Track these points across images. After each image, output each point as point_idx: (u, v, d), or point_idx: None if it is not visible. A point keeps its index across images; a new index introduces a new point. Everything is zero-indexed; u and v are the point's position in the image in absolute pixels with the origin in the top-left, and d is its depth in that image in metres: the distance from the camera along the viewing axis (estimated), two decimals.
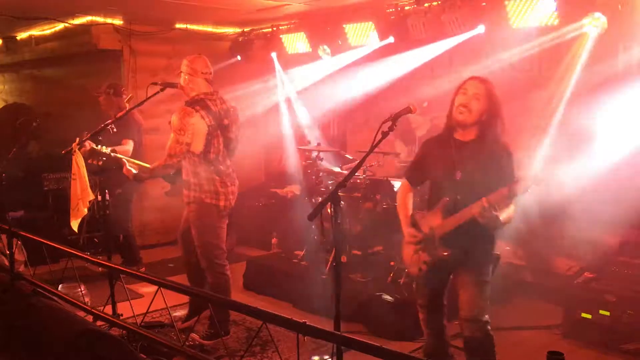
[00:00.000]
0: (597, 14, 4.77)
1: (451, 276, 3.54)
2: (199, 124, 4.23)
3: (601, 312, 4.35)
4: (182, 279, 5.08)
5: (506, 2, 5.19)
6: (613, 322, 4.29)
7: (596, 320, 4.37)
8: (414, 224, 3.51)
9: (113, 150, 4.41)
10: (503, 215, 3.18)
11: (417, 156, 3.67)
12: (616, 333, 4.26)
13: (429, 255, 3.41)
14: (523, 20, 5.16)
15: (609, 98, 4.75)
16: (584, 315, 4.45)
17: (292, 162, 7.51)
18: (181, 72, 4.41)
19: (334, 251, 2.96)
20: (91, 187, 4.36)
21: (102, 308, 3.20)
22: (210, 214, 4.37)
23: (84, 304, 3.37)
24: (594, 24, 4.83)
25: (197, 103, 4.29)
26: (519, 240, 5.39)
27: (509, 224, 3.32)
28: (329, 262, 5.34)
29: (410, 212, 3.58)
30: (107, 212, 4.47)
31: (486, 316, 3.35)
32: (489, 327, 3.36)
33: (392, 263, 5.26)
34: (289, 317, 2.11)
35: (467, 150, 3.33)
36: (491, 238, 3.43)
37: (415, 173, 3.65)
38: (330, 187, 5.90)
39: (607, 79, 4.91)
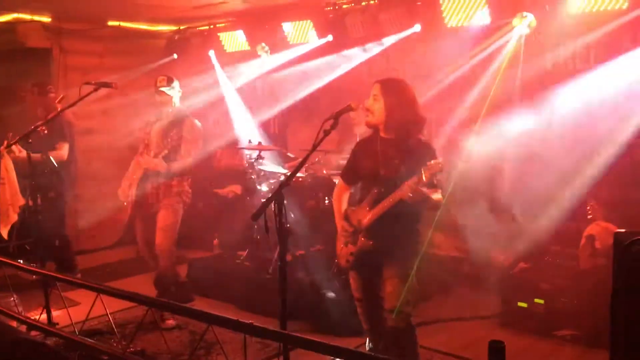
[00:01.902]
0: (526, 13, 4.95)
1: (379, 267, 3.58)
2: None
3: (536, 300, 4.52)
4: (121, 284, 4.95)
5: (440, 2, 5.31)
6: (547, 310, 4.47)
7: (532, 309, 4.54)
8: (346, 218, 3.61)
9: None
10: (434, 195, 3.27)
11: (350, 156, 3.75)
12: (550, 320, 4.44)
13: (355, 246, 3.50)
14: (457, 20, 5.30)
15: (540, 94, 4.95)
16: (520, 304, 4.61)
17: (233, 161, 7.42)
18: (174, 88, 4.87)
19: (278, 250, 2.95)
20: (21, 191, 4.18)
21: (37, 317, 3.07)
22: (181, 207, 4.91)
23: (17, 313, 3.23)
24: (523, 23, 5.01)
25: (189, 113, 4.89)
26: (458, 233, 5.53)
27: (437, 209, 3.44)
28: (273, 261, 5.32)
29: (344, 208, 3.70)
30: (39, 217, 4.30)
31: (409, 307, 3.43)
32: (411, 319, 3.46)
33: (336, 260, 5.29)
34: (234, 318, 2.09)
35: (389, 147, 3.43)
36: (415, 230, 3.52)
37: (349, 172, 3.74)
38: (272, 187, 5.87)
39: (536, 76, 5.12)
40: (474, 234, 5.33)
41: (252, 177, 6.17)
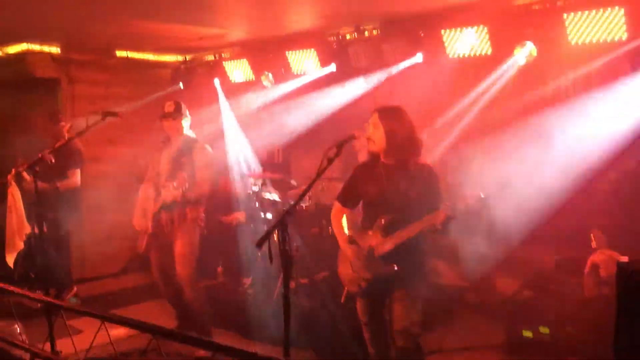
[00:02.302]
0: (528, 43, 5.03)
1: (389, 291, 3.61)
2: None
3: (541, 329, 4.48)
4: (125, 312, 4.94)
5: (442, 32, 5.40)
6: (553, 339, 4.43)
7: (537, 338, 4.50)
8: (353, 242, 3.63)
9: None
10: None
11: (350, 180, 3.80)
12: (556, 349, 4.40)
13: (370, 272, 3.51)
14: (458, 49, 5.38)
15: (541, 122, 5.00)
16: (525, 333, 4.57)
17: (237, 189, 7.46)
18: (182, 114, 4.85)
19: (281, 277, 2.96)
20: (27, 219, 4.21)
21: (40, 346, 3.07)
22: (198, 232, 4.88)
23: (21, 342, 3.22)
24: (524, 53, 5.08)
25: (198, 140, 4.89)
26: (460, 261, 5.53)
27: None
28: (277, 289, 5.31)
29: (347, 231, 3.74)
30: (45, 245, 4.33)
31: (418, 329, 3.48)
32: (419, 340, 3.50)
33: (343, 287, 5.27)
34: (239, 347, 2.09)
35: (393, 172, 3.51)
36: (424, 254, 3.60)
37: (348, 196, 3.79)
38: (275, 214, 5.89)
39: (537, 104, 5.17)
40: (476, 262, 5.32)
41: (256, 204, 6.19)
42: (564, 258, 4.99)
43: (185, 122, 4.89)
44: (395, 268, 3.45)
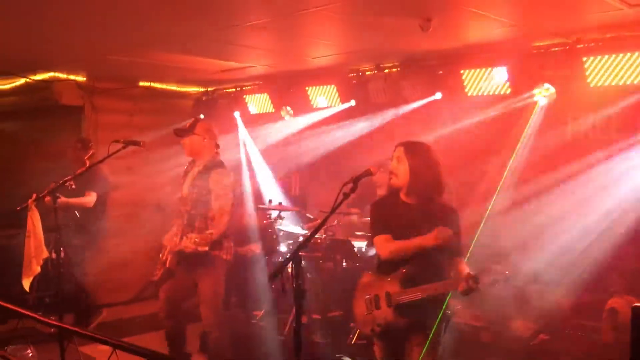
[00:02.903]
0: (547, 85, 5.04)
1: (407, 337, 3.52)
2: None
3: None
4: (138, 340, 4.92)
5: (462, 72, 5.44)
6: None
7: None
8: (368, 284, 3.56)
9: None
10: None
11: (374, 214, 3.68)
12: None
13: (385, 319, 3.42)
14: (478, 89, 5.41)
15: (560, 166, 4.98)
16: None
17: (253, 220, 7.48)
18: (197, 134, 4.59)
19: (293, 312, 2.95)
20: (45, 244, 4.26)
21: None
22: (223, 268, 4.61)
23: None
24: (543, 94, 5.09)
25: (222, 164, 4.64)
26: (477, 302, 5.45)
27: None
28: (289, 323, 5.28)
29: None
30: (61, 270, 4.36)
31: None
32: None
33: (352, 324, 5.23)
34: None
35: (414, 213, 3.43)
36: (443, 301, 3.48)
37: (382, 225, 3.56)
38: (290, 247, 5.89)
39: (556, 147, 5.16)
40: (491, 302, 5.25)
41: (272, 237, 6.20)
42: (581, 302, 4.91)
43: (204, 142, 4.61)
44: (403, 320, 3.36)
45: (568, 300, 4.96)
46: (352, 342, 5.00)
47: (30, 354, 4.23)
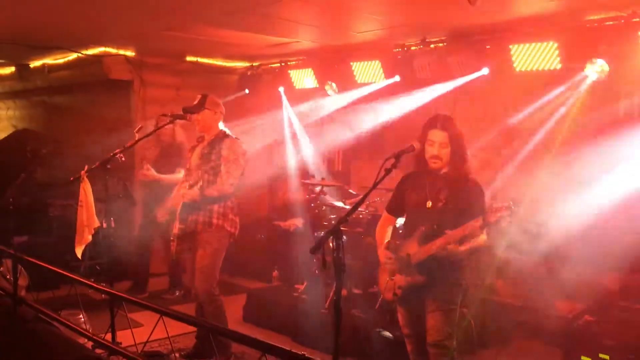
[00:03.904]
0: (599, 60, 4.87)
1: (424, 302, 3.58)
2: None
3: (601, 355, 4.32)
4: (186, 309, 5.08)
5: (510, 46, 5.30)
6: None
7: None
8: (392, 249, 3.66)
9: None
10: (466, 246, 3.36)
11: (397, 189, 3.83)
12: None
13: (405, 280, 3.53)
14: (526, 64, 5.27)
15: (610, 142, 4.83)
16: (583, 358, 4.41)
17: (296, 195, 7.56)
18: (209, 109, 4.54)
19: (334, 285, 2.99)
20: (97, 214, 4.41)
21: (102, 335, 3.22)
22: (226, 241, 4.53)
23: (85, 330, 3.39)
24: (595, 70, 4.93)
25: (232, 135, 4.55)
26: (518, 280, 5.39)
27: (484, 252, 3.46)
28: (330, 297, 5.34)
29: (388, 239, 3.77)
30: (111, 239, 4.52)
31: (451, 342, 3.45)
32: (455, 354, 3.46)
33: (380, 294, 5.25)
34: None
35: (439, 181, 3.52)
36: (460, 267, 3.54)
37: (395, 204, 3.82)
38: (333, 222, 5.93)
39: (608, 124, 4.99)
40: (535, 282, 5.18)
41: (315, 211, 6.26)
42: (629, 285, 4.79)
43: (217, 117, 4.59)
44: (423, 278, 3.46)
45: (616, 281, 4.86)
46: (377, 308, 4.98)
47: (82, 319, 4.42)
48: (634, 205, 4.65)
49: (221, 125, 4.64)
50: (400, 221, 4.03)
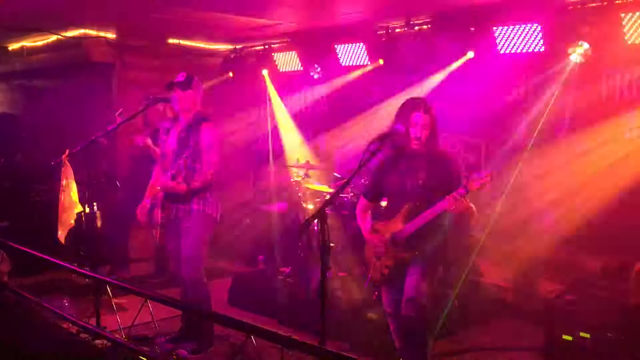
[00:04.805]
0: (582, 42, 4.89)
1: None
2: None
3: (582, 334, 4.39)
4: (171, 292, 5.06)
5: (494, 29, 5.31)
6: (594, 345, 4.33)
7: (577, 343, 4.41)
8: (375, 230, 3.75)
9: None
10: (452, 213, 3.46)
11: (372, 175, 3.90)
12: (596, 355, 4.30)
13: (391, 259, 3.62)
14: (510, 47, 5.29)
15: (593, 122, 4.88)
16: (565, 337, 4.48)
17: (281, 179, 7.54)
18: (192, 88, 4.41)
19: (320, 268, 3.00)
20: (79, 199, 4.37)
21: (86, 320, 3.21)
22: (209, 226, 4.47)
23: (69, 315, 3.38)
24: (578, 52, 4.95)
25: (208, 117, 4.44)
26: (502, 262, 5.46)
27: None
28: (315, 280, 5.36)
29: (370, 223, 3.84)
30: (94, 224, 4.49)
31: (425, 300, 3.49)
32: (426, 312, 3.52)
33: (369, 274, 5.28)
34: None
35: (417, 160, 3.60)
36: (445, 241, 3.65)
37: (372, 191, 3.89)
38: (318, 205, 5.93)
39: (590, 105, 5.05)
40: (518, 263, 5.24)
41: (299, 195, 6.25)
42: (609, 265, 4.86)
43: (197, 97, 4.45)
44: (414, 253, 3.55)
45: (596, 262, 4.93)
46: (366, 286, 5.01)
47: (66, 304, 4.39)
48: (619, 186, 4.72)
49: (197, 105, 4.48)
50: (383, 204, 4.07)
